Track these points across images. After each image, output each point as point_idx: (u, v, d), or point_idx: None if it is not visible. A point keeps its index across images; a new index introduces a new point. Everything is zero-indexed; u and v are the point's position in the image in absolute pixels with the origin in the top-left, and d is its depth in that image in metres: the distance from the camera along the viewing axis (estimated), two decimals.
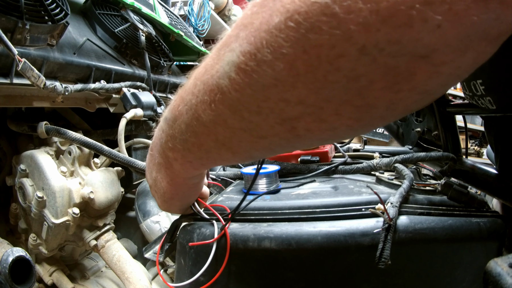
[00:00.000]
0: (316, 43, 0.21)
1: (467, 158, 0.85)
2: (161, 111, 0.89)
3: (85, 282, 0.82)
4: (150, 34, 1.01)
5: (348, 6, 0.19)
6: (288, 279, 0.42)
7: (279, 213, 0.46)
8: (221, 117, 0.29)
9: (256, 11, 0.24)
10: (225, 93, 0.27)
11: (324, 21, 0.20)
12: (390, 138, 3.30)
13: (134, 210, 0.93)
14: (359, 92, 0.22)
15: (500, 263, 0.28)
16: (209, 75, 0.28)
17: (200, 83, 0.30)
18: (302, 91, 0.23)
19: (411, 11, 0.19)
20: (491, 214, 0.49)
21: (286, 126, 0.26)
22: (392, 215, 0.40)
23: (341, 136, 0.28)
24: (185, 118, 0.33)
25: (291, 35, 0.22)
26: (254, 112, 0.26)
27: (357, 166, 0.67)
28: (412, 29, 0.19)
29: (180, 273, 0.47)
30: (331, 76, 0.22)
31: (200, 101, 0.30)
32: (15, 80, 0.59)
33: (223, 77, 0.26)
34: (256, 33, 0.23)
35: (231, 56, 0.26)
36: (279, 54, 0.22)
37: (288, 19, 0.21)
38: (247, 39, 0.24)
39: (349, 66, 0.21)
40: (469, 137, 4.01)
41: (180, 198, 0.45)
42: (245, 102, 0.26)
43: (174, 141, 0.36)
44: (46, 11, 0.65)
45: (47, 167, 0.66)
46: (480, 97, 0.56)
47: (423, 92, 0.23)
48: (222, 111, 0.28)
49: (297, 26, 0.21)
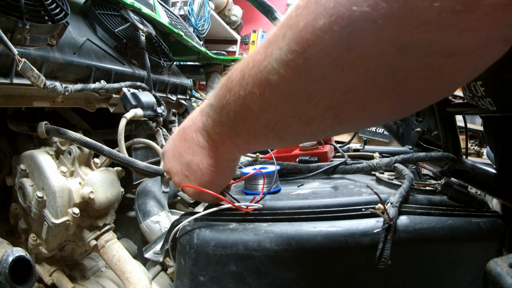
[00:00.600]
0: (358, 43, 0.24)
1: (467, 158, 0.85)
2: (161, 111, 0.89)
3: (85, 282, 0.82)
4: (150, 34, 1.01)
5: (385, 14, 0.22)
6: (288, 279, 0.42)
7: (279, 213, 0.46)
8: (271, 106, 0.32)
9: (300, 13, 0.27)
10: (274, 86, 0.30)
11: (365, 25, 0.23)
12: (390, 138, 3.30)
13: (134, 210, 0.93)
14: (395, 85, 0.26)
15: (500, 263, 0.28)
16: (257, 70, 0.31)
17: (248, 76, 0.32)
18: (346, 83, 0.27)
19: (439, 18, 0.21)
20: (491, 214, 0.49)
21: (331, 113, 0.29)
22: (392, 215, 0.40)
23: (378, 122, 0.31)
24: (233, 107, 0.35)
25: (335, 37, 0.24)
26: (303, 101, 0.29)
27: (357, 166, 0.67)
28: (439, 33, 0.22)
29: (180, 273, 0.47)
30: (372, 71, 0.25)
31: (249, 93, 0.32)
32: (15, 80, 0.59)
33: (271, 72, 0.29)
34: (302, 34, 0.26)
35: (278, 54, 0.28)
36: (325, 53, 0.25)
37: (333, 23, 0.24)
38: (294, 38, 0.27)
39: (387, 63, 0.24)
40: (469, 137, 4.01)
41: (219, 179, 0.46)
42: (294, 93, 0.29)
43: (222, 126, 0.39)
44: (46, 11, 0.65)
45: (47, 167, 0.66)
46: (480, 98, 0.56)
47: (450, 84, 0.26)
48: (272, 102, 0.31)
49: (341, 30, 0.24)
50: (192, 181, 0.46)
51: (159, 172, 0.70)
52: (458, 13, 0.21)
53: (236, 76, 0.34)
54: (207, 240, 0.44)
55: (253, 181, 0.56)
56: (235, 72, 0.35)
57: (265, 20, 1.50)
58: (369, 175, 0.69)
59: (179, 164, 0.46)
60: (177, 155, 0.46)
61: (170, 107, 1.19)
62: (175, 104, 1.16)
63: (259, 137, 0.36)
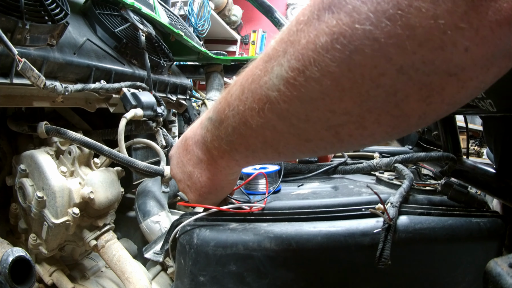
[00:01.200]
0: (360, 63, 0.24)
1: (468, 158, 0.85)
2: (161, 111, 0.89)
3: (85, 282, 0.82)
4: (150, 34, 1.01)
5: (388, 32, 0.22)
6: (288, 279, 0.42)
7: (279, 213, 0.46)
8: (269, 123, 0.31)
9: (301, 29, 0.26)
10: (274, 103, 0.29)
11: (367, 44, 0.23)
12: None
13: (134, 210, 0.93)
14: (396, 104, 0.25)
15: (500, 263, 0.28)
16: (257, 85, 0.30)
17: (248, 91, 0.32)
18: (347, 103, 0.26)
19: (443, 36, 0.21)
20: (491, 214, 0.49)
21: (331, 132, 0.29)
22: (392, 215, 0.40)
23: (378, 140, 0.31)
24: (232, 121, 0.35)
25: (337, 56, 0.24)
26: (302, 120, 0.29)
27: (357, 166, 0.67)
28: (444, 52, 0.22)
29: (180, 273, 0.47)
30: (373, 91, 0.25)
31: (248, 108, 0.32)
32: (15, 80, 0.59)
33: (271, 89, 0.29)
34: (304, 51, 0.26)
35: (279, 70, 0.28)
36: (326, 72, 0.25)
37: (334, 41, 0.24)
38: (295, 56, 0.27)
39: (389, 83, 0.24)
40: (470, 137, 4.00)
41: (218, 192, 0.46)
42: (294, 112, 0.29)
43: (220, 141, 0.38)
44: (46, 11, 0.65)
45: (47, 167, 0.66)
46: (480, 99, 0.56)
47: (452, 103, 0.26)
48: (270, 118, 0.31)
49: (343, 48, 0.24)
50: (193, 191, 0.46)
51: (159, 172, 0.70)
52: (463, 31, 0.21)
53: (236, 90, 0.34)
54: (207, 240, 0.44)
55: (253, 181, 0.56)
56: (234, 86, 0.35)
57: (265, 20, 1.50)
58: (369, 175, 0.69)
59: (182, 173, 0.47)
60: (180, 163, 0.47)
61: (170, 107, 1.19)
62: (175, 104, 1.16)
63: (257, 152, 0.36)
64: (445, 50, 0.22)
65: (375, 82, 0.24)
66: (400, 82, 0.24)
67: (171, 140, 0.93)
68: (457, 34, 0.21)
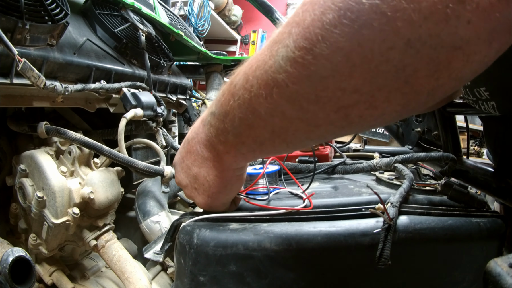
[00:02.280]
0: (369, 37, 0.24)
1: (468, 158, 0.85)
2: (161, 111, 0.89)
3: (85, 282, 0.82)
4: (150, 34, 1.01)
5: (394, 6, 0.23)
6: (288, 279, 0.42)
7: (279, 213, 0.46)
8: (278, 108, 0.30)
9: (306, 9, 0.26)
10: (282, 86, 0.29)
11: (375, 18, 0.23)
12: (390, 138, 3.30)
13: (134, 210, 0.93)
14: (406, 80, 0.25)
15: (500, 263, 0.28)
16: (263, 70, 0.30)
17: (253, 78, 0.31)
18: (357, 80, 0.26)
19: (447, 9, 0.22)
20: (491, 214, 0.49)
21: (341, 114, 0.28)
22: (392, 215, 0.40)
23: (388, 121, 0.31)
24: (238, 112, 0.34)
25: (346, 31, 0.24)
26: (312, 101, 0.28)
27: (357, 166, 0.67)
28: (448, 24, 0.22)
29: (180, 273, 0.47)
30: (383, 66, 0.25)
31: (255, 95, 0.31)
32: (15, 80, 0.59)
33: (278, 71, 0.28)
34: (311, 29, 0.26)
35: (285, 51, 0.28)
36: (336, 48, 0.25)
37: (342, 16, 0.24)
38: (302, 34, 0.26)
39: (397, 57, 0.24)
40: (470, 137, 4.00)
41: (228, 190, 0.45)
42: (303, 93, 0.28)
43: (226, 135, 0.37)
44: (46, 11, 0.65)
45: (47, 167, 0.66)
46: (484, 101, 0.56)
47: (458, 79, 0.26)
48: (279, 103, 0.30)
49: (351, 23, 0.24)
50: (201, 193, 0.45)
51: (159, 172, 0.70)
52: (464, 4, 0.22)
53: (239, 80, 0.33)
54: (207, 240, 0.43)
55: (253, 181, 0.56)
56: (237, 77, 0.34)
57: (265, 20, 1.50)
58: (369, 175, 0.69)
59: (187, 177, 0.46)
60: (184, 168, 0.46)
61: (170, 107, 1.19)
62: (175, 104, 1.16)
63: (265, 143, 0.35)
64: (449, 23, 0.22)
65: (384, 56, 0.24)
66: (409, 56, 0.24)
67: (171, 140, 0.93)
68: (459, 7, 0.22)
